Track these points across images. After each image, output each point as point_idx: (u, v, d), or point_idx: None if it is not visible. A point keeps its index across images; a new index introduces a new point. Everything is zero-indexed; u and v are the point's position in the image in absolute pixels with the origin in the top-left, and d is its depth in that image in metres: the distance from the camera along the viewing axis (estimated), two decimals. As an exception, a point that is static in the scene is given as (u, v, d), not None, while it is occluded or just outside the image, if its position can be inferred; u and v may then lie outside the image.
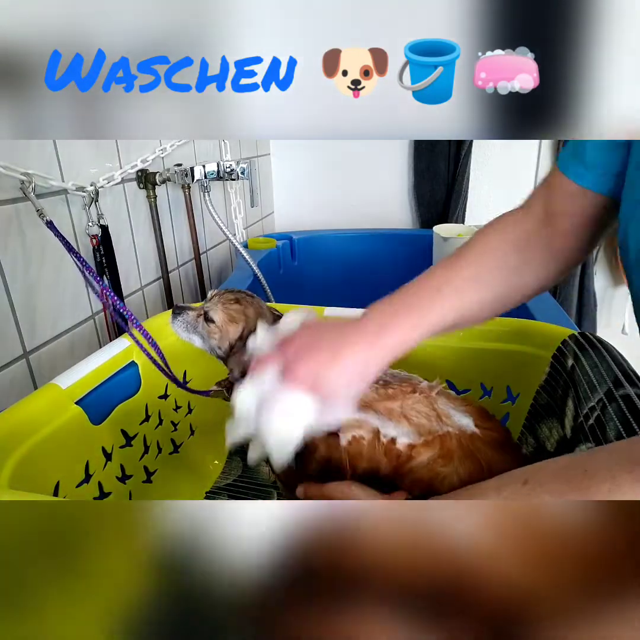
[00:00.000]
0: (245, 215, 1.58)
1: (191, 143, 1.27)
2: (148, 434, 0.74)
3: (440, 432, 0.49)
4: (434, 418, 0.51)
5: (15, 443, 0.52)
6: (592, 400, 0.53)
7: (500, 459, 0.50)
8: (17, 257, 0.76)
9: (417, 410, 0.51)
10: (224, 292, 0.62)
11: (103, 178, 0.92)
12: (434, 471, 0.48)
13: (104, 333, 0.98)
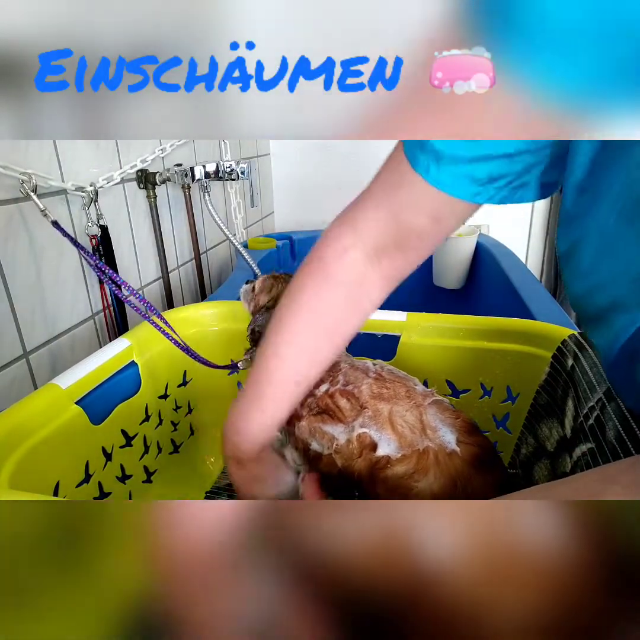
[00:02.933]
0: (245, 215, 1.58)
1: (191, 143, 1.27)
2: (148, 434, 0.74)
3: (420, 447, 0.49)
4: (418, 431, 0.50)
5: (15, 443, 0.52)
6: (591, 400, 0.53)
7: (477, 478, 0.49)
8: (17, 257, 0.76)
9: (404, 420, 0.51)
10: (275, 273, 0.74)
11: (103, 178, 0.92)
12: (408, 485, 0.48)
13: (104, 333, 0.98)
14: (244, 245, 1.46)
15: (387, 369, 0.58)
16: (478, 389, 0.75)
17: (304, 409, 0.56)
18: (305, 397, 0.55)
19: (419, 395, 0.54)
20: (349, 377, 0.56)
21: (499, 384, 0.74)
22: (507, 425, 0.75)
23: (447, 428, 0.51)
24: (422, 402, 0.53)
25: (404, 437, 0.50)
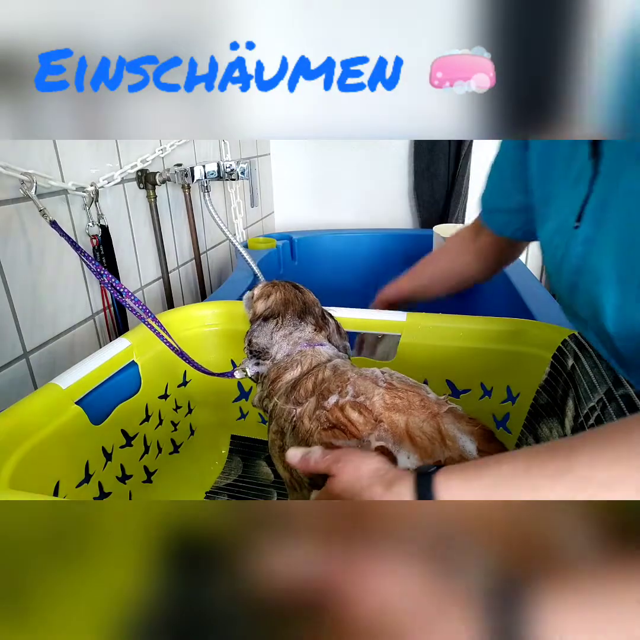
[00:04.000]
0: (245, 215, 1.58)
1: (191, 143, 1.27)
2: (148, 434, 0.74)
3: (442, 458, 0.47)
4: (437, 442, 0.48)
5: (15, 443, 0.52)
6: (592, 400, 0.53)
7: None
8: (17, 257, 0.76)
9: (422, 431, 0.48)
10: (276, 280, 0.72)
11: (103, 178, 0.92)
12: None
13: (104, 333, 0.98)
14: (244, 245, 1.46)
15: (397, 377, 0.56)
16: (478, 389, 0.75)
17: (312, 422, 0.53)
18: (313, 409, 0.54)
19: (433, 403, 0.51)
20: (359, 387, 0.53)
21: (499, 384, 0.74)
22: (507, 426, 0.75)
23: (467, 437, 0.48)
24: (438, 411, 0.50)
25: (423, 449, 0.47)
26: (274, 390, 0.61)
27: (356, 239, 1.72)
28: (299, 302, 0.67)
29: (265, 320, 0.65)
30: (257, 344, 0.64)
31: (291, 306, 0.66)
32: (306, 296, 0.69)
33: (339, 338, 0.69)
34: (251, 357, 0.65)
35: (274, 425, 0.59)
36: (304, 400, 0.56)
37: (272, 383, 0.62)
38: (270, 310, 0.66)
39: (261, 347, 0.64)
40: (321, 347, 0.63)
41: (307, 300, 0.68)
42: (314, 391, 0.56)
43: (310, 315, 0.66)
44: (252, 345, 0.65)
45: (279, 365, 0.62)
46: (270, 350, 0.64)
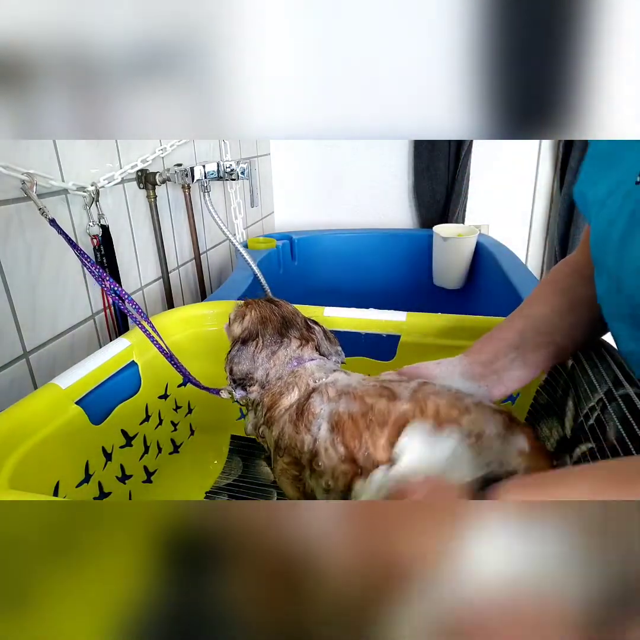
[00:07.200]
0: (245, 215, 1.58)
1: (191, 143, 1.27)
2: (148, 434, 0.74)
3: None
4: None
5: (15, 443, 0.52)
6: (592, 400, 0.53)
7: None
8: (17, 257, 0.76)
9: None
10: (248, 299, 0.67)
11: (103, 178, 0.92)
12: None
13: (104, 333, 0.98)
14: (244, 245, 1.46)
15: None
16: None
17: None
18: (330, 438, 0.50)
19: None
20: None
21: (499, 384, 0.74)
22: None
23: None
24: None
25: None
26: (272, 417, 0.57)
27: (356, 239, 1.72)
28: (277, 317, 0.62)
29: (244, 344, 0.60)
30: (239, 371, 0.59)
31: (270, 323, 0.61)
32: (284, 309, 0.64)
33: (328, 345, 0.64)
34: (235, 386, 0.60)
35: (286, 457, 0.55)
36: (314, 428, 0.52)
37: (269, 410, 0.58)
38: (248, 332, 0.61)
39: (244, 373, 0.59)
40: (313, 363, 0.59)
41: (286, 314, 0.63)
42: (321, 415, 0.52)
43: (293, 329, 0.61)
44: (234, 374, 0.60)
45: (273, 391, 0.58)
46: (255, 374, 0.59)
